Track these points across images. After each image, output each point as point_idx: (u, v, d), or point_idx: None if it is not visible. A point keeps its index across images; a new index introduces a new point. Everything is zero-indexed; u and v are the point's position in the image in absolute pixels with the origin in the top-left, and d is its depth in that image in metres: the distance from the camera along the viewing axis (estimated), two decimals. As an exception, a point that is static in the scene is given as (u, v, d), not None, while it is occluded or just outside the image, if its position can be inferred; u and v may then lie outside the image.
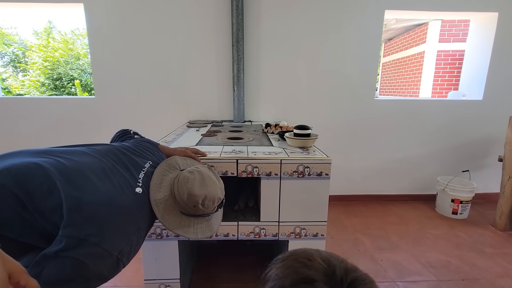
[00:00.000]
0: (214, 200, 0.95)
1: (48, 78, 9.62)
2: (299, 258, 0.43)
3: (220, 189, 0.99)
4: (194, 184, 0.93)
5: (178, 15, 2.42)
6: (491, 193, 2.81)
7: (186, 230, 0.94)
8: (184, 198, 0.92)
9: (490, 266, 1.81)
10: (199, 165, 1.08)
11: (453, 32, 4.59)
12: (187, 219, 0.95)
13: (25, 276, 0.57)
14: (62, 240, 0.69)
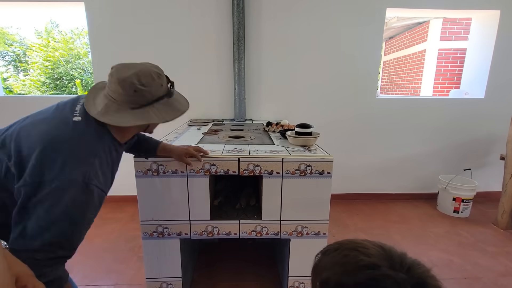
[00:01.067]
0: (151, 74, 0.82)
1: (49, 77, 9.64)
2: (354, 247, 0.44)
3: (153, 66, 0.88)
4: (119, 71, 0.83)
5: (179, 14, 2.42)
6: (493, 191, 2.81)
7: (148, 117, 0.83)
8: (120, 91, 0.80)
9: (492, 264, 1.81)
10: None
11: (454, 30, 4.58)
12: (141, 110, 0.83)
13: (32, 279, 0.57)
14: (20, 192, 0.70)
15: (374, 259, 0.40)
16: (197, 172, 1.27)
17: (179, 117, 0.91)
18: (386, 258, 0.40)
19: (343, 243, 0.47)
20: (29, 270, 0.58)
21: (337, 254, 0.45)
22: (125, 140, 0.93)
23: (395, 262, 0.40)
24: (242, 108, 2.51)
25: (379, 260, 0.40)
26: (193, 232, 1.34)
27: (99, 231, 2.19)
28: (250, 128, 2.07)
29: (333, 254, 0.46)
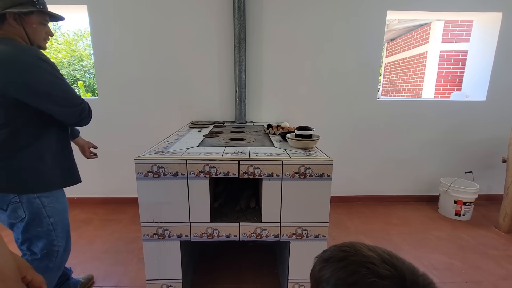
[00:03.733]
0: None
1: (52, 79, 9.67)
2: (362, 262, 0.41)
3: None
4: None
5: (180, 17, 2.43)
6: (495, 194, 2.79)
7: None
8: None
9: (494, 268, 1.80)
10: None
11: (456, 32, 4.57)
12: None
13: (31, 271, 0.59)
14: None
15: (386, 283, 0.38)
16: (197, 174, 1.27)
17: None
18: (398, 280, 0.39)
19: (348, 253, 0.44)
20: (27, 262, 0.60)
21: (342, 268, 0.42)
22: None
23: (406, 285, 0.38)
24: (243, 110, 2.52)
25: (391, 284, 0.38)
26: (193, 234, 1.35)
27: (100, 232, 2.20)
28: (250, 130, 2.08)
29: (337, 265, 0.43)
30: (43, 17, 1.12)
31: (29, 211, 1.09)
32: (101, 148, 1.88)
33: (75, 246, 1.96)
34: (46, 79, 1.03)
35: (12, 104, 1.02)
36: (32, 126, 1.08)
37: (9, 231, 2.08)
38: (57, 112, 1.09)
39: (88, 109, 1.19)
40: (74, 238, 2.07)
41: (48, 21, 1.16)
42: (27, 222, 1.10)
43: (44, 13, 1.12)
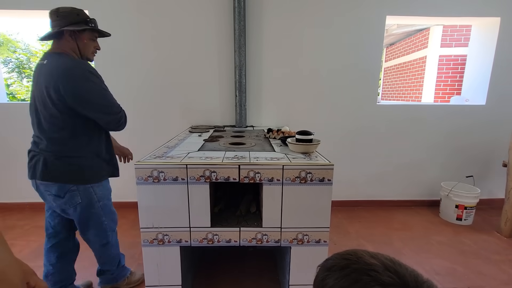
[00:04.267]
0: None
1: (52, 83, 9.71)
2: (364, 270, 0.41)
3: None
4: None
5: (180, 21, 2.45)
6: (496, 199, 2.78)
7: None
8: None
9: (496, 273, 1.78)
10: None
11: (454, 37, 4.60)
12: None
13: (34, 277, 0.59)
14: None
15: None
16: (198, 179, 1.27)
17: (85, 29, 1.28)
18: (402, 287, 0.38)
19: (351, 261, 0.44)
20: (31, 268, 0.60)
21: (345, 276, 0.42)
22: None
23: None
24: (243, 114, 2.52)
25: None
26: (193, 240, 1.34)
27: (99, 237, 2.18)
28: (251, 135, 2.08)
29: (339, 273, 0.43)
30: (93, 34, 1.34)
31: (85, 197, 1.33)
32: (101, 152, 1.87)
33: (74, 251, 1.94)
34: (94, 91, 1.24)
35: (68, 110, 1.22)
36: (87, 128, 1.30)
37: (13, 235, 2.06)
38: (100, 119, 1.29)
39: (125, 117, 1.38)
40: (73, 243, 2.06)
41: (97, 37, 1.37)
42: (82, 205, 1.34)
43: (94, 30, 1.33)
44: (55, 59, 1.22)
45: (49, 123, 1.24)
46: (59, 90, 1.17)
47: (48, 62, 1.23)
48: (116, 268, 1.57)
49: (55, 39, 1.27)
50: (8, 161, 2.66)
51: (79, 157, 1.30)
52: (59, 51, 1.25)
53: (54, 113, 1.22)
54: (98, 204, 1.38)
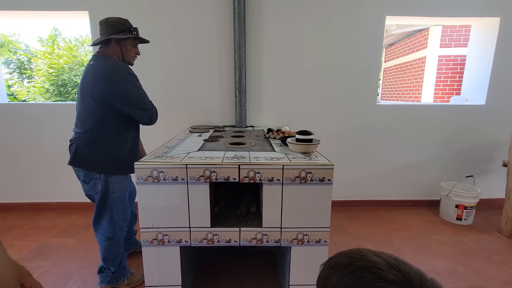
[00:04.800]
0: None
1: (53, 84, 9.75)
2: (368, 267, 0.41)
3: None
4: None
5: (180, 23, 2.45)
6: (496, 198, 2.78)
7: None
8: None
9: (496, 273, 1.78)
10: None
11: (454, 37, 4.60)
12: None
13: (30, 278, 0.58)
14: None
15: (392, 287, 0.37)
16: (198, 179, 1.27)
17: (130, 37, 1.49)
18: (406, 285, 0.38)
19: (355, 259, 0.43)
20: (26, 270, 0.59)
21: (348, 273, 0.41)
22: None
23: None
24: (243, 114, 2.52)
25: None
26: (193, 240, 1.34)
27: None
28: (250, 135, 2.08)
29: (343, 271, 0.42)
30: (135, 41, 1.54)
31: (104, 186, 1.46)
32: (101, 153, 1.87)
33: (73, 251, 1.95)
34: (131, 89, 1.41)
35: (106, 106, 1.39)
36: (120, 125, 1.46)
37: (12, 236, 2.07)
38: (135, 114, 1.45)
39: (156, 112, 1.55)
40: (73, 243, 2.07)
41: (137, 44, 1.57)
42: (101, 194, 1.47)
43: (136, 38, 1.53)
44: (101, 61, 1.42)
45: (87, 116, 1.41)
46: (100, 88, 1.36)
47: (94, 63, 1.42)
48: (117, 267, 1.59)
49: (103, 44, 1.46)
50: (8, 162, 2.66)
51: (107, 149, 1.44)
52: (105, 54, 1.45)
53: (93, 107, 1.39)
54: (113, 195, 1.49)
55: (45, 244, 2.10)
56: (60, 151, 2.67)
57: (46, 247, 2.06)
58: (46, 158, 2.66)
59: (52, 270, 1.79)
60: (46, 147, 2.64)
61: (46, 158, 2.66)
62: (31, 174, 2.69)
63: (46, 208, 2.71)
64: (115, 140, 1.46)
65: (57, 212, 2.66)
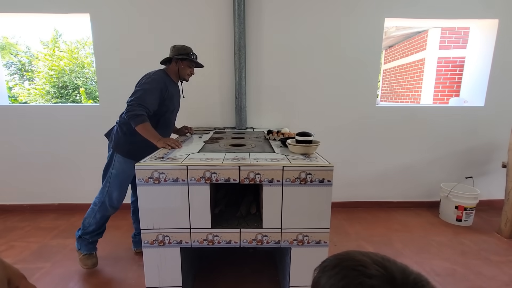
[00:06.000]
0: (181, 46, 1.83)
1: (54, 86, 9.77)
2: (353, 266, 0.42)
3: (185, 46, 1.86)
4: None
5: (181, 25, 2.47)
6: (496, 199, 2.79)
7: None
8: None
9: (496, 274, 1.78)
10: None
11: (453, 39, 4.63)
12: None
13: (24, 281, 0.58)
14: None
15: (374, 282, 0.39)
16: (198, 180, 1.28)
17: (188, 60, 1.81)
18: (388, 279, 0.39)
19: (342, 259, 0.45)
20: (20, 272, 0.59)
21: (335, 274, 0.43)
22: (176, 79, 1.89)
23: (396, 282, 0.38)
24: (243, 116, 2.53)
25: (380, 282, 0.38)
26: (194, 241, 1.34)
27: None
28: (251, 136, 2.09)
29: (331, 272, 0.44)
30: (190, 63, 1.84)
31: (109, 158, 1.75)
32: (102, 154, 1.89)
33: (74, 253, 1.95)
34: (141, 84, 1.68)
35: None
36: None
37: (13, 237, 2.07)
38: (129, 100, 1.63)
39: (133, 112, 1.58)
40: (73, 245, 2.07)
41: (193, 66, 1.87)
42: (106, 163, 1.76)
43: (191, 61, 1.82)
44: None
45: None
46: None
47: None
48: (82, 234, 1.80)
49: (168, 62, 1.86)
50: (8, 163, 2.67)
51: (124, 132, 1.72)
52: (164, 68, 1.85)
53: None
54: (112, 170, 1.73)
55: (46, 246, 2.11)
56: (61, 152, 2.68)
57: (47, 249, 2.06)
58: (46, 160, 2.67)
59: (53, 272, 1.79)
60: (46, 148, 2.64)
61: (47, 160, 2.67)
62: (32, 175, 2.70)
63: (46, 210, 2.72)
64: (132, 129, 1.63)
65: (58, 213, 2.66)
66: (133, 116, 1.56)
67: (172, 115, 1.90)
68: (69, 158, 2.68)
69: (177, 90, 1.92)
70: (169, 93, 1.76)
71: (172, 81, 1.85)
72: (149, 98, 1.63)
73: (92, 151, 2.64)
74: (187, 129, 2.14)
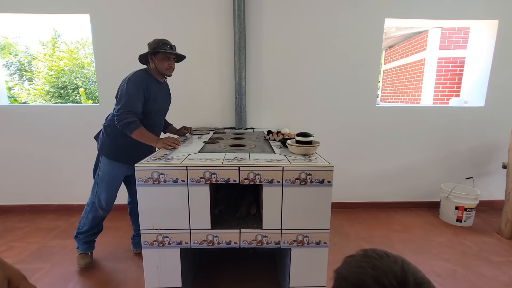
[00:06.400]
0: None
1: (53, 86, 9.77)
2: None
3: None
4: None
5: (181, 26, 2.47)
6: (496, 200, 2.78)
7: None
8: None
9: (496, 275, 1.78)
10: None
11: (453, 39, 4.63)
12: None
13: (24, 282, 0.58)
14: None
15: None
16: (198, 180, 1.27)
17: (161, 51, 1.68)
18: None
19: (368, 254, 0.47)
20: (21, 273, 0.59)
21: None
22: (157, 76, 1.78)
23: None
24: (243, 116, 2.53)
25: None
26: (194, 241, 1.34)
27: (98, 239, 2.17)
28: (251, 137, 2.09)
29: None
30: (165, 55, 1.70)
31: (96, 160, 1.80)
32: (102, 154, 1.87)
33: (73, 253, 1.95)
34: (123, 90, 1.62)
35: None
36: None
37: (12, 238, 2.07)
38: (116, 109, 1.63)
39: (123, 121, 1.56)
40: (73, 245, 2.06)
41: (171, 58, 1.73)
42: (94, 164, 1.82)
43: (166, 52, 1.69)
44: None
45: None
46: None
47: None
48: (77, 233, 1.85)
49: (147, 61, 1.77)
50: (8, 163, 2.67)
51: (109, 134, 1.72)
52: (145, 68, 1.77)
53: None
54: (98, 172, 1.77)
55: (45, 246, 2.10)
56: (61, 152, 2.67)
57: (46, 249, 2.06)
58: (46, 160, 2.67)
59: (52, 272, 1.79)
60: (46, 148, 2.64)
61: (46, 160, 2.67)
62: (31, 175, 2.70)
63: (46, 210, 2.72)
64: (117, 131, 1.65)
65: (57, 214, 2.66)
66: (126, 124, 1.55)
67: (158, 116, 1.81)
68: (69, 158, 2.68)
69: (164, 89, 1.85)
70: (151, 94, 1.69)
71: (156, 81, 1.76)
72: (136, 102, 1.60)
73: (91, 151, 2.59)
74: (186, 129, 2.11)
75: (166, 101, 1.88)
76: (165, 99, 1.87)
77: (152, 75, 1.74)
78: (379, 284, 0.39)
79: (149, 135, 1.60)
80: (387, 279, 0.39)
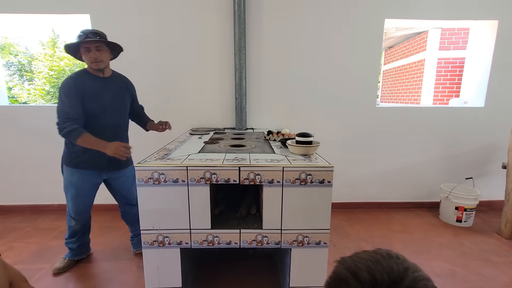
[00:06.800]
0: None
1: (53, 86, 9.77)
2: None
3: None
4: None
5: (181, 26, 2.47)
6: (496, 200, 2.78)
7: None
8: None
9: (496, 275, 1.78)
10: None
11: (453, 40, 4.63)
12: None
13: (25, 284, 0.58)
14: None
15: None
16: (198, 181, 1.28)
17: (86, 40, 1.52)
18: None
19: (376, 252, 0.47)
20: (22, 275, 0.59)
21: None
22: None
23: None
24: (243, 117, 2.53)
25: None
26: (194, 241, 1.34)
27: (99, 240, 2.18)
28: (251, 137, 2.09)
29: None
30: (84, 47, 1.54)
31: (61, 170, 1.79)
32: (102, 155, 1.87)
33: (74, 254, 1.94)
34: (58, 102, 1.53)
35: None
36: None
37: (12, 238, 2.07)
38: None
39: (66, 128, 1.48)
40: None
41: (90, 49, 1.54)
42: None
43: (83, 43, 1.51)
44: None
45: None
46: None
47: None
48: (66, 238, 1.87)
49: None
50: (8, 163, 2.67)
51: (65, 140, 1.66)
52: (87, 66, 1.64)
53: None
54: (64, 181, 1.76)
55: (46, 246, 2.10)
56: (60, 152, 2.67)
57: (47, 249, 2.06)
58: (46, 160, 2.67)
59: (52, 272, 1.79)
60: (46, 149, 2.64)
61: (46, 160, 2.67)
62: (32, 176, 2.70)
63: (46, 210, 2.72)
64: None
65: (58, 214, 2.66)
66: (67, 134, 1.48)
67: (107, 115, 1.63)
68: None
69: (110, 85, 1.67)
70: (88, 93, 1.55)
71: (96, 78, 1.62)
72: (71, 107, 1.49)
73: (92, 151, 2.63)
74: (161, 125, 1.93)
75: (116, 97, 1.68)
76: (114, 95, 1.67)
77: (91, 72, 1.61)
78: (371, 274, 0.39)
79: (95, 141, 1.49)
80: (380, 273, 0.39)
